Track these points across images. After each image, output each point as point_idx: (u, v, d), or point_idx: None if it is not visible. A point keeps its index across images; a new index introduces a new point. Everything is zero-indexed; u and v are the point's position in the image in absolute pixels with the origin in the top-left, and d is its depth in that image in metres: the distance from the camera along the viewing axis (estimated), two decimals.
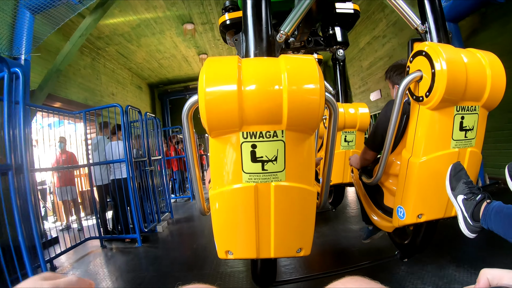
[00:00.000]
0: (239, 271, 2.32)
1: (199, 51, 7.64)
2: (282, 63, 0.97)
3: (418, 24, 1.34)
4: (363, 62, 7.31)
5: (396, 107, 1.30)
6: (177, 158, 6.96)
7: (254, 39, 1.14)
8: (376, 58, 6.68)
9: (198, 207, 1.21)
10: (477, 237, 1.12)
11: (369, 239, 2.26)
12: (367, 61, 7.10)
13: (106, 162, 3.46)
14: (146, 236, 3.66)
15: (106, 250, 3.35)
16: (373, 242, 2.28)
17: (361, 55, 7.37)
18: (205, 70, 0.94)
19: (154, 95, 10.68)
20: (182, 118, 1.04)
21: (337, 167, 2.69)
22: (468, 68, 1.14)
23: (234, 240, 1.11)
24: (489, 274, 0.45)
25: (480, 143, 1.30)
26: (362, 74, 7.50)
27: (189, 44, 7.09)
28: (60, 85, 5.13)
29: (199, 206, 1.21)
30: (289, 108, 0.92)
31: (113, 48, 6.69)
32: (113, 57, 7.17)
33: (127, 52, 7.03)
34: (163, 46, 7.03)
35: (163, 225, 4.02)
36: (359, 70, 7.63)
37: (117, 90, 7.51)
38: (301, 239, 1.13)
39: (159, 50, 7.26)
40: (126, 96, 8.10)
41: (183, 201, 6.43)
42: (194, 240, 3.52)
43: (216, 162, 1.04)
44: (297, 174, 1.04)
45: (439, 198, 1.29)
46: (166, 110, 10.84)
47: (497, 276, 0.44)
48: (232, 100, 0.90)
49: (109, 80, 7.12)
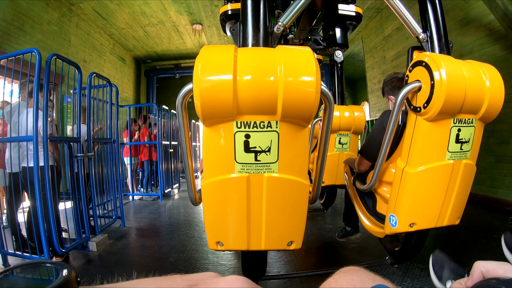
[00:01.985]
0: None
1: (192, 20, 7.75)
2: (278, 53, 1.15)
3: (419, 32, 1.57)
4: (388, 52, 7.49)
5: (394, 117, 1.53)
6: (147, 145, 6.71)
7: (251, 29, 1.34)
8: (406, 47, 6.68)
9: (190, 197, 1.42)
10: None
11: (345, 238, 2.79)
12: (393, 51, 7.26)
13: (10, 139, 2.86)
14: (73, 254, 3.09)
15: None
16: (365, 243, 2.75)
17: (385, 43, 7.56)
18: (200, 58, 1.12)
19: (140, 71, 10.93)
20: (177, 107, 1.24)
21: (330, 168, 3.12)
22: (467, 81, 1.35)
23: (225, 231, 1.31)
24: (482, 266, 0.52)
25: (475, 155, 1.54)
26: (384, 66, 7.70)
27: (180, 9, 7.14)
28: (10, 38, 5.06)
29: (191, 196, 1.41)
30: (284, 98, 1.10)
31: (89, 5, 6.71)
32: (89, 16, 7.26)
33: (106, 12, 7.11)
34: (149, 8, 7.08)
35: (101, 240, 3.36)
36: (381, 62, 7.84)
37: (91, 57, 7.63)
38: (293, 232, 1.33)
39: (144, 13, 7.30)
40: (103, 66, 8.23)
41: (150, 200, 6.41)
42: (146, 266, 2.88)
43: (209, 151, 1.24)
44: (290, 166, 1.23)
45: (432, 208, 1.54)
46: (152, 89, 11.16)
47: (491, 269, 0.51)
48: (227, 89, 1.08)
49: (82, 43, 7.20)
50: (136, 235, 4.02)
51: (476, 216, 4.06)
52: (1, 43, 4.87)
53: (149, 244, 3.59)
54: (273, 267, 2.68)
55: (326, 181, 3.22)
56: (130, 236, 3.94)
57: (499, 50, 4.43)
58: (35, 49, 2.71)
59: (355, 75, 12.38)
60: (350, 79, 13.05)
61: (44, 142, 2.71)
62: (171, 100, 10.88)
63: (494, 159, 4.55)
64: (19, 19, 5.19)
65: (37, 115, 2.67)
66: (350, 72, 11.88)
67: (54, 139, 3.02)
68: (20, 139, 2.84)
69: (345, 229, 2.84)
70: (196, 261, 2.94)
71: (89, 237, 3.32)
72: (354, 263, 2.65)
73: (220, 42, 9.39)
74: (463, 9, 4.96)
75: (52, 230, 2.76)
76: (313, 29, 3.00)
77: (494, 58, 4.43)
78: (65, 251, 2.92)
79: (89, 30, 7.50)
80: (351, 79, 13.03)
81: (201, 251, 3.23)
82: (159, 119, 6.49)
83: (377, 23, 7.79)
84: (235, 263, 2.83)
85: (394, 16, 7.18)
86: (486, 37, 4.61)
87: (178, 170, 7.94)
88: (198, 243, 3.49)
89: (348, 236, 2.80)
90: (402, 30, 6.85)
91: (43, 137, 2.71)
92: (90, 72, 3.64)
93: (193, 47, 9.73)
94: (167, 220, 4.82)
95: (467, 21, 4.92)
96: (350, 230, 2.78)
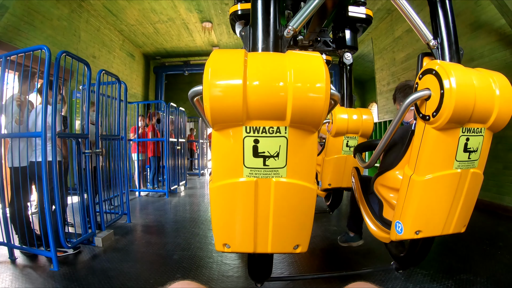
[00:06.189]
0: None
1: (202, 17, 7.78)
2: (288, 59, 1.16)
3: (430, 39, 1.56)
4: (397, 54, 7.44)
5: (396, 119, 1.55)
6: (153, 141, 6.86)
7: (261, 33, 1.35)
8: (416, 50, 6.70)
9: None
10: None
11: (347, 243, 2.78)
12: (403, 53, 7.20)
13: (19, 135, 2.93)
14: (78, 250, 3.09)
15: (15, 267, 2.80)
16: (369, 248, 2.77)
17: (395, 45, 7.51)
18: (210, 63, 1.14)
19: (149, 67, 11.01)
20: (192, 103, 1.25)
21: (337, 171, 3.15)
22: (477, 90, 1.34)
23: (232, 233, 1.34)
24: None
25: (482, 164, 1.54)
26: (394, 68, 7.66)
27: (190, 6, 7.20)
28: (20, 33, 5.07)
29: None
30: (294, 104, 1.11)
31: (99, 1, 6.79)
32: (99, 13, 7.32)
33: (116, 8, 7.16)
34: (159, 5, 7.13)
35: (107, 236, 3.41)
36: (390, 64, 7.79)
37: (100, 53, 7.68)
38: (299, 236, 1.35)
39: (154, 10, 7.36)
40: (112, 62, 8.29)
41: (156, 196, 6.46)
42: (151, 263, 2.94)
43: (218, 155, 1.26)
44: (298, 171, 1.25)
45: (438, 216, 1.53)
46: (160, 85, 11.25)
47: None
48: (236, 94, 1.09)
49: (91, 39, 7.25)
50: (141, 231, 4.04)
51: (481, 223, 4.03)
52: (11, 38, 4.90)
53: (154, 241, 3.63)
54: (276, 268, 2.69)
55: (332, 183, 3.24)
56: (135, 232, 3.97)
57: (510, 55, 4.37)
58: (44, 46, 2.73)
59: (364, 76, 12.31)
60: (359, 80, 12.99)
61: (52, 138, 2.75)
62: (179, 97, 11.04)
63: (502, 165, 4.51)
64: (29, 14, 5.22)
65: (45, 111, 2.71)
66: (359, 73, 11.83)
67: (63, 135, 3.06)
68: (29, 135, 2.90)
69: (348, 235, 2.83)
70: (201, 259, 2.96)
71: (95, 233, 3.36)
72: (359, 266, 2.71)
73: (229, 40, 9.41)
74: (474, 12, 4.90)
75: (58, 225, 2.80)
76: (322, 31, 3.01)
77: (505, 63, 4.38)
78: (70, 246, 2.95)
79: (99, 26, 7.55)
80: (360, 80, 12.97)
81: (205, 249, 3.25)
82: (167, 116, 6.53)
83: (387, 24, 7.73)
84: (239, 262, 2.85)
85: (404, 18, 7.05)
86: (497, 41, 4.56)
87: (184, 167, 7.98)
88: (203, 241, 3.52)
89: (350, 243, 2.79)
90: (413, 32, 6.69)
91: (51, 133, 2.74)
92: (100, 69, 3.69)
93: (202, 44, 9.75)
94: (172, 217, 4.86)
95: (478, 25, 4.86)
96: (353, 236, 2.77)
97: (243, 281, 2.50)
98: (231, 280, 2.52)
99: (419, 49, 6.68)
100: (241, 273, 2.63)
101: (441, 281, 2.37)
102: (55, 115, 2.77)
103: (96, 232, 3.37)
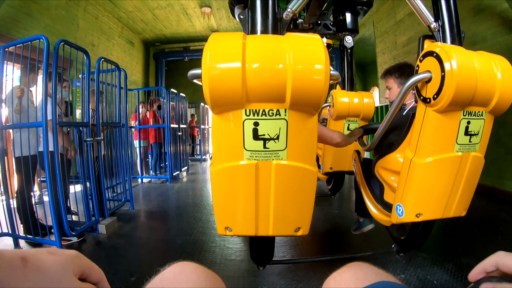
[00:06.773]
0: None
1: (201, 2, 7.69)
2: (287, 41, 1.15)
3: (431, 21, 1.53)
4: (399, 37, 7.35)
5: (397, 102, 1.55)
6: (155, 128, 6.84)
7: (260, 16, 1.34)
8: (418, 33, 6.56)
9: None
10: None
11: (359, 231, 2.74)
12: (405, 37, 7.12)
13: (20, 125, 2.96)
14: (82, 237, 3.11)
15: None
16: (371, 230, 2.73)
17: (397, 28, 7.41)
18: (209, 46, 1.13)
19: (149, 54, 10.93)
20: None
21: (338, 154, 3.14)
22: (478, 73, 1.32)
23: (233, 217, 1.35)
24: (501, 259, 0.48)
25: (483, 148, 1.53)
26: (395, 51, 7.57)
27: None
28: (18, 24, 5.04)
29: None
30: (293, 86, 1.10)
31: None
32: (97, 0, 7.23)
33: None
34: None
35: (110, 223, 3.43)
36: (392, 47, 7.70)
37: (99, 41, 7.62)
38: (300, 218, 1.36)
39: None
40: (111, 50, 8.23)
41: (159, 183, 6.50)
42: (154, 249, 2.98)
43: (218, 138, 1.26)
44: (299, 154, 1.25)
45: (439, 199, 1.53)
46: (160, 72, 11.19)
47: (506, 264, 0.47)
48: (236, 77, 1.09)
49: (90, 27, 7.19)
50: (144, 217, 4.07)
51: (483, 207, 4.04)
52: (9, 29, 4.86)
53: (157, 227, 3.69)
54: (278, 251, 2.73)
55: (334, 167, 3.23)
56: (138, 218, 4.00)
57: None
58: (42, 35, 2.72)
59: (366, 60, 12.18)
60: (361, 64, 12.86)
61: (53, 128, 2.76)
62: (180, 83, 11.00)
63: (504, 150, 4.49)
64: (26, 4, 5.17)
65: (46, 101, 2.71)
66: (361, 56, 11.69)
67: (63, 124, 3.07)
68: (29, 125, 2.88)
69: (359, 222, 2.80)
70: (203, 244, 2.99)
71: (99, 220, 3.38)
72: (360, 249, 2.72)
73: (229, 24, 9.30)
74: None
75: (62, 213, 2.83)
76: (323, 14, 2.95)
77: (508, 48, 4.31)
78: (74, 234, 2.97)
79: (97, 14, 7.47)
80: (361, 63, 12.84)
81: (208, 234, 3.29)
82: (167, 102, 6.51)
83: (389, 7, 7.61)
84: (242, 246, 2.88)
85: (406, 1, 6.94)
86: (499, 26, 4.48)
87: (186, 153, 8.00)
88: (205, 226, 3.55)
89: (362, 229, 2.75)
90: (414, 16, 6.54)
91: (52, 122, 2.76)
92: (99, 57, 3.66)
93: (202, 30, 9.64)
94: (175, 203, 4.90)
95: (480, 9, 4.77)
96: (363, 221, 2.74)
97: (245, 264, 2.54)
98: (233, 264, 2.56)
99: (421, 32, 6.49)
100: (243, 257, 2.66)
101: (441, 264, 2.40)
102: (55, 104, 2.78)
103: (99, 220, 3.40)
